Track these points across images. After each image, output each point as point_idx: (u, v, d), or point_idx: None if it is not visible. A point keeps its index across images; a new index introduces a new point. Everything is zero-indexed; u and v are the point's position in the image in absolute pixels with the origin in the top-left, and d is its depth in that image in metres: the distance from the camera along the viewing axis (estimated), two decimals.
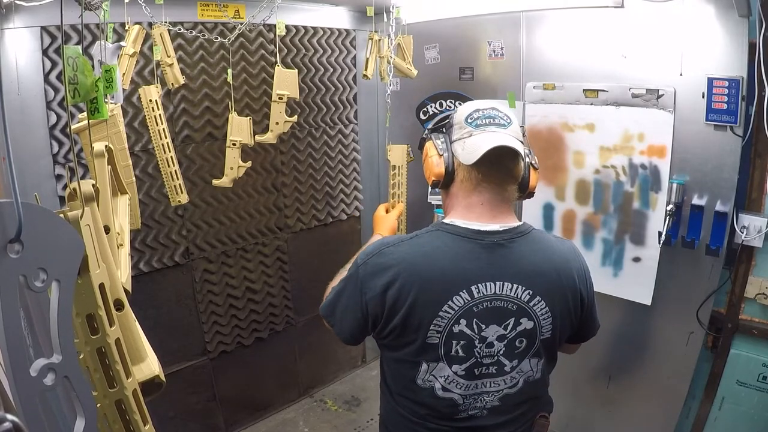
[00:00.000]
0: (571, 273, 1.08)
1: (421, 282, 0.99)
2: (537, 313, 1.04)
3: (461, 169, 1.06)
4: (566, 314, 1.08)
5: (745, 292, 1.82)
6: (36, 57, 1.75)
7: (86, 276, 0.63)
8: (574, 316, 1.11)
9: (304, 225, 2.72)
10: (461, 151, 1.04)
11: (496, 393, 1.08)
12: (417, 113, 2.73)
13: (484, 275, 1.00)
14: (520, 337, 1.04)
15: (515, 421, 1.12)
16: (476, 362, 1.04)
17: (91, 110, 0.79)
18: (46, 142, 1.81)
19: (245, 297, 2.54)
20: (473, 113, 1.06)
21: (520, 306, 1.02)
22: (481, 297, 1.00)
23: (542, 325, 1.05)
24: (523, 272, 1.02)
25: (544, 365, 1.11)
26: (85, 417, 0.56)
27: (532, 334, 1.05)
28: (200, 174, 2.26)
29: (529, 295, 1.02)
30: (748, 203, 1.79)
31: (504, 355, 1.05)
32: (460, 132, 1.06)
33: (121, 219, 1.20)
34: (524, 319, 1.03)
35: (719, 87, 1.70)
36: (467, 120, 1.06)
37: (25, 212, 0.46)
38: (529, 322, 1.04)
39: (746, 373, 1.84)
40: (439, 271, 1.00)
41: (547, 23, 2.15)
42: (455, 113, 1.11)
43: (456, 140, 1.07)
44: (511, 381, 1.08)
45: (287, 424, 2.71)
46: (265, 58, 2.35)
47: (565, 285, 1.06)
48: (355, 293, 1.05)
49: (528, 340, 1.05)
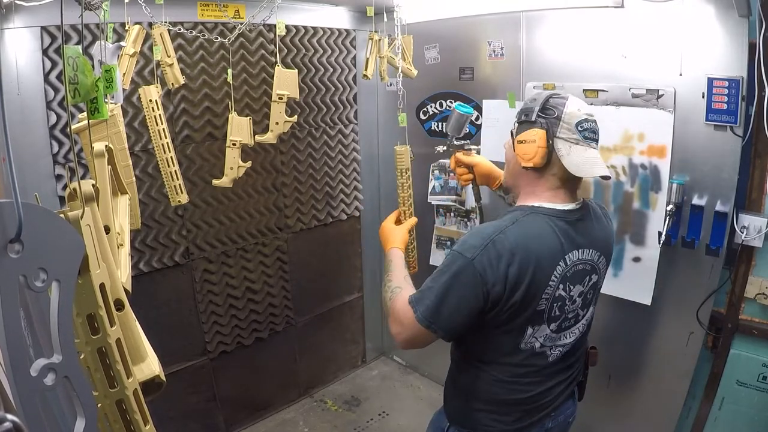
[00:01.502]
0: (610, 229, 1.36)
1: (536, 259, 1.15)
2: (600, 269, 1.30)
3: (557, 164, 1.19)
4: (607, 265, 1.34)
5: (745, 292, 1.82)
6: (36, 57, 1.75)
7: (86, 276, 0.63)
8: None
9: (304, 225, 2.72)
10: (566, 153, 1.18)
11: (572, 337, 1.30)
12: (417, 113, 2.73)
13: (571, 245, 1.20)
14: (590, 290, 1.29)
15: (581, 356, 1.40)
16: (564, 318, 1.25)
17: (91, 110, 0.79)
18: (46, 142, 1.81)
19: (245, 297, 2.54)
20: (583, 122, 1.18)
21: (593, 265, 1.27)
22: (572, 263, 1.21)
23: (601, 277, 1.32)
24: (593, 238, 1.26)
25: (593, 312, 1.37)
26: (85, 417, 0.56)
27: (597, 285, 1.32)
28: (200, 174, 2.26)
29: (598, 256, 1.27)
30: (748, 203, 1.79)
31: (580, 308, 1.28)
32: (568, 134, 1.18)
33: (121, 219, 1.20)
34: (594, 275, 1.28)
35: (719, 87, 1.70)
36: (578, 127, 1.17)
37: (25, 212, 0.46)
38: (596, 276, 1.29)
39: (746, 373, 1.84)
40: (546, 247, 1.17)
41: (547, 23, 2.15)
42: (564, 110, 1.18)
43: (562, 138, 1.18)
44: (582, 327, 1.32)
45: (287, 424, 2.71)
46: (265, 58, 2.35)
47: (610, 244, 1.35)
48: (470, 286, 1.14)
49: (594, 292, 1.31)
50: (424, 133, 2.73)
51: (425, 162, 2.68)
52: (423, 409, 2.82)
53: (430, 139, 2.71)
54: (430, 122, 2.69)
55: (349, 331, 3.13)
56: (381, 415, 2.77)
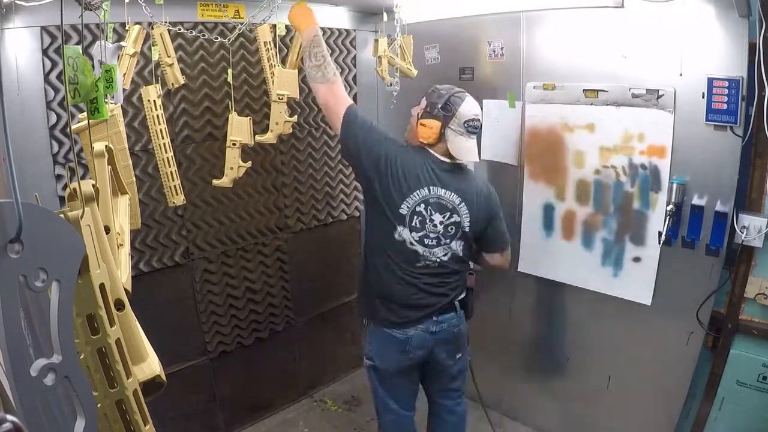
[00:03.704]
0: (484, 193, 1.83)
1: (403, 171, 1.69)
2: (461, 213, 1.76)
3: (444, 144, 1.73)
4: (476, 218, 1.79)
5: (745, 292, 1.82)
6: (36, 57, 1.75)
7: (86, 276, 0.63)
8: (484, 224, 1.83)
9: (304, 225, 2.72)
10: (451, 140, 1.71)
11: (438, 256, 1.76)
12: None
13: (436, 181, 1.72)
14: (452, 226, 1.76)
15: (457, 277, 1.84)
16: (426, 234, 1.73)
17: (91, 110, 0.79)
18: (46, 142, 1.81)
19: (245, 297, 2.54)
20: (470, 121, 1.71)
21: (453, 206, 1.75)
22: (433, 194, 1.72)
23: (465, 221, 1.77)
24: (458, 187, 1.75)
25: (464, 248, 1.81)
26: (85, 417, 0.56)
27: (460, 225, 1.77)
28: (200, 174, 2.25)
29: (459, 200, 1.75)
30: (748, 203, 1.79)
31: (442, 234, 1.75)
32: (457, 128, 1.71)
33: (121, 219, 1.20)
34: (456, 215, 1.75)
35: (719, 87, 1.70)
36: (465, 124, 1.71)
37: (25, 212, 0.46)
38: (457, 217, 1.76)
39: (746, 373, 1.84)
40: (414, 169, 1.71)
41: (547, 23, 2.15)
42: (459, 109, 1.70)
43: (451, 129, 1.71)
44: (444, 251, 1.77)
45: (287, 424, 2.71)
46: None
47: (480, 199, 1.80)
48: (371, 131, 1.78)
49: (456, 229, 1.77)
50: None
51: None
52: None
53: None
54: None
55: (349, 331, 3.13)
56: None
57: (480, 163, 2.49)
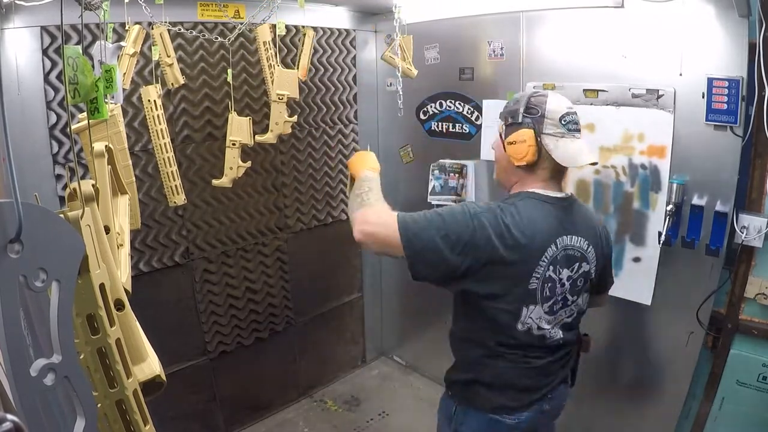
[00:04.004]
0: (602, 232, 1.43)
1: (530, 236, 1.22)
2: (590, 259, 1.36)
3: (547, 159, 1.28)
4: (600, 261, 1.40)
5: (745, 292, 1.82)
6: (36, 57, 1.75)
7: (86, 276, 0.63)
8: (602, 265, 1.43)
9: (304, 225, 2.72)
10: (554, 148, 1.26)
11: (566, 320, 1.36)
12: (417, 113, 2.73)
13: (563, 229, 1.28)
14: (580, 278, 1.35)
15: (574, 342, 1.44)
16: (555, 300, 1.31)
17: (91, 110, 0.79)
18: (46, 142, 1.81)
19: (245, 297, 2.54)
20: (566, 116, 1.27)
21: (582, 253, 1.34)
22: (561, 247, 1.28)
23: (592, 268, 1.38)
24: (581, 227, 1.33)
25: (586, 299, 1.42)
26: (85, 417, 0.56)
27: (588, 275, 1.37)
28: (200, 174, 2.26)
29: (587, 245, 1.34)
30: (748, 203, 1.79)
31: (569, 292, 1.33)
32: (554, 129, 1.26)
33: (121, 219, 1.20)
34: (585, 264, 1.35)
35: (719, 87, 1.70)
36: (561, 121, 1.26)
37: (25, 212, 0.46)
38: (586, 265, 1.35)
39: (746, 373, 1.84)
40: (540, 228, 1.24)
41: (547, 23, 2.15)
42: (546, 107, 1.26)
43: (548, 134, 1.26)
44: (573, 313, 1.38)
45: (287, 424, 2.71)
46: None
47: (601, 239, 1.41)
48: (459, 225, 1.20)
49: (584, 280, 1.37)
50: (424, 133, 2.73)
51: (425, 162, 2.68)
52: (423, 409, 2.81)
53: (430, 139, 2.71)
54: (430, 122, 2.69)
55: (349, 331, 3.13)
56: (381, 415, 2.77)
57: (480, 164, 2.50)
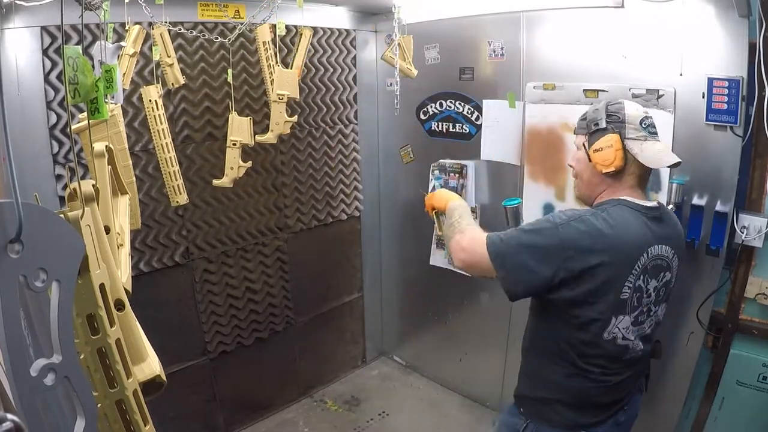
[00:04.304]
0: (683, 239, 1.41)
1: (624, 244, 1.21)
2: (673, 267, 1.33)
3: (634, 163, 1.27)
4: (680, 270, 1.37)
5: (745, 292, 1.82)
6: (36, 57, 1.75)
7: (86, 276, 0.63)
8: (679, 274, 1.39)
9: (304, 225, 2.72)
10: (639, 151, 1.25)
11: (646, 331, 1.32)
12: (417, 113, 2.73)
13: (654, 238, 1.26)
14: (663, 287, 1.32)
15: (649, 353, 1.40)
16: (641, 311, 1.28)
17: (91, 110, 0.79)
18: (46, 142, 1.81)
19: (245, 297, 2.54)
20: (644, 119, 1.27)
21: (668, 262, 1.31)
22: (652, 257, 1.26)
23: (673, 277, 1.35)
24: (669, 235, 1.31)
25: (664, 310, 1.38)
26: (85, 417, 0.56)
27: (669, 283, 1.34)
28: (200, 174, 2.26)
29: (672, 253, 1.31)
30: (748, 203, 1.79)
31: (653, 303, 1.30)
32: (636, 133, 1.26)
33: (121, 219, 1.20)
34: (668, 273, 1.32)
35: (719, 87, 1.70)
36: (642, 124, 1.26)
37: (25, 212, 0.46)
38: (669, 274, 1.33)
39: (746, 373, 1.84)
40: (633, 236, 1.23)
41: (547, 23, 2.15)
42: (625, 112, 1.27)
43: (631, 139, 1.26)
44: (650, 323, 1.33)
45: (287, 424, 2.71)
46: None
47: (682, 247, 1.38)
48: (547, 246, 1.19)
49: (666, 289, 1.34)
50: (424, 133, 2.73)
51: (425, 162, 2.69)
52: (423, 409, 2.82)
53: (430, 139, 2.71)
54: (431, 122, 2.69)
55: (349, 331, 3.13)
56: (381, 415, 2.77)
57: (480, 164, 2.50)
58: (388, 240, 3.12)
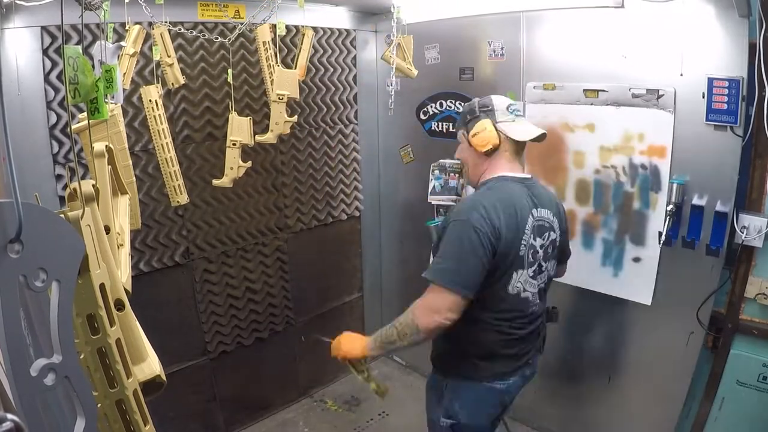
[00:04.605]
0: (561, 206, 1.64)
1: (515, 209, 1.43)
2: (556, 228, 1.56)
3: (507, 141, 1.52)
4: (562, 232, 1.61)
5: (745, 292, 1.82)
6: (36, 57, 1.75)
7: (86, 276, 0.63)
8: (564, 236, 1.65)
9: (304, 225, 2.72)
10: (509, 130, 1.51)
11: (541, 286, 1.55)
12: (417, 113, 2.73)
13: (534, 203, 1.49)
14: (550, 245, 1.55)
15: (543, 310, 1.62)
16: (537, 264, 1.51)
17: (91, 110, 0.79)
18: (46, 142, 1.81)
19: (245, 297, 2.54)
20: (510, 106, 1.54)
21: (549, 223, 1.54)
22: (536, 218, 1.48)
23: (557, 237, 1.58)
24: (546, 201, 1.54)
25: (554, 267, 1.62)
26: (85, 417, 0.56)
27: (555, 242, 1.57)
28: (200, 174, 2.26)
29: (552, 216, 1.54)
30: (748, 203, 1.79)
31: (543, 259, 1.53)
32: (505, 117, 1.52)
33: (122, 219, 1.20)
34: (552, 232, 1.55)
35: (719, 87, 1.70)
36: (508, 109, 1.53)
37: (25, 212, 0.46)
38: (553, 234, 1.56)
39: (746, 373, 1.84)
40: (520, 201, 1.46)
41: (547, 23, 2.15)
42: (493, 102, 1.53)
43: (501, 122, 1.52)
44: (543, 279, 1.56)
45: (287, 424, 2.71)
46: None
47: (561, 212, 1.62)
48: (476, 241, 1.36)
49: (552, 246, 1.56)
50: (424, 133, 2.73)
51: (425, 162, 2.68)
52: (423, 409, 2.81)
53: (430, 139, 2.71)
54: (431, 122, 2.69)
55: (349, 331, 3.13)
56: (381, 415, 2.77)
57: None
58: (388, 240, 3.12)
